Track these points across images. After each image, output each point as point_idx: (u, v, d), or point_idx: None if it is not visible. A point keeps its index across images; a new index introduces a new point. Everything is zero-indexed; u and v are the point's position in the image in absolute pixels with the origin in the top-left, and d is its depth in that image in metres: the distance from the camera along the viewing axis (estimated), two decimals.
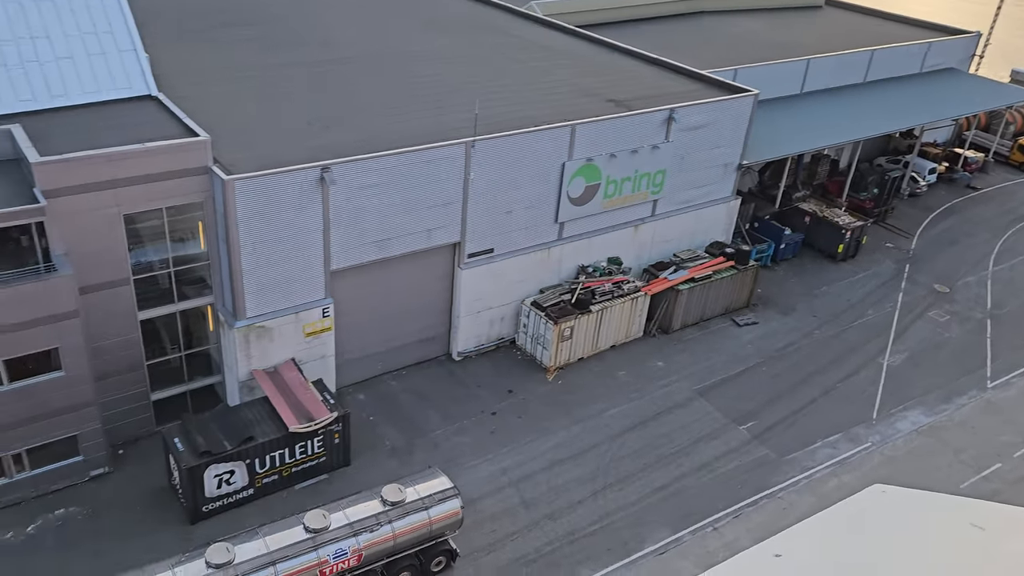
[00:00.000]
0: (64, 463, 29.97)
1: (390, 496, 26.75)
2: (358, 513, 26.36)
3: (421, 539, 27.06)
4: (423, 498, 27.19)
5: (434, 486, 27.70)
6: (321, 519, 25.66)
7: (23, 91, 31.16)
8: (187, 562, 24.17)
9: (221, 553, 24.22)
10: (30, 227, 27.48)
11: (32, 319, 27.03)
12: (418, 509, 26.91)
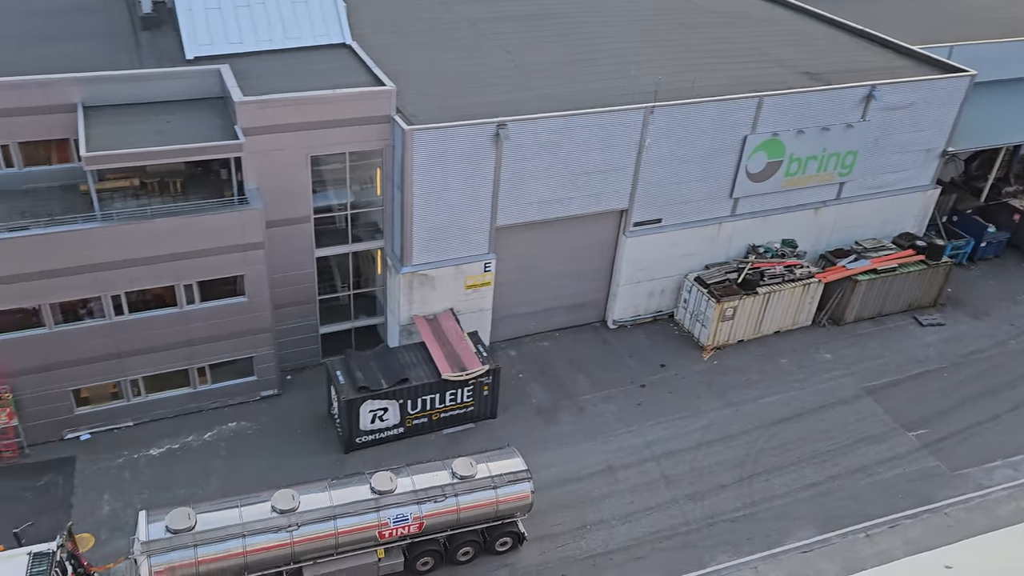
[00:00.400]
0: (240, 381, 32.71)
1: (460, 470, 26.21)
2: (426, 482, 26.00)
3: (486, 517, 26.35)
4: (493, 476, 26.47)
5: (507, 466, 26.89)
6: (388, 482, 25.52)
7: (234, 34, 33.45)
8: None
9: (287, 500, 24.65)
10: (229, 161, 29.75)
11: (224, 246, 29.39)
12: (486, 487, 26.21)
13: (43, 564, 22.29)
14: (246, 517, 24.33)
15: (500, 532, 26.93)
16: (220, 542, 23.77)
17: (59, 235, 27.26)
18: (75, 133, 28.71)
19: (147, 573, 22.99)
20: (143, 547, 23.27)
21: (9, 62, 30.36)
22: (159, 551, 23.26)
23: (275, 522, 24.26)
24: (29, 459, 29.77)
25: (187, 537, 23.52)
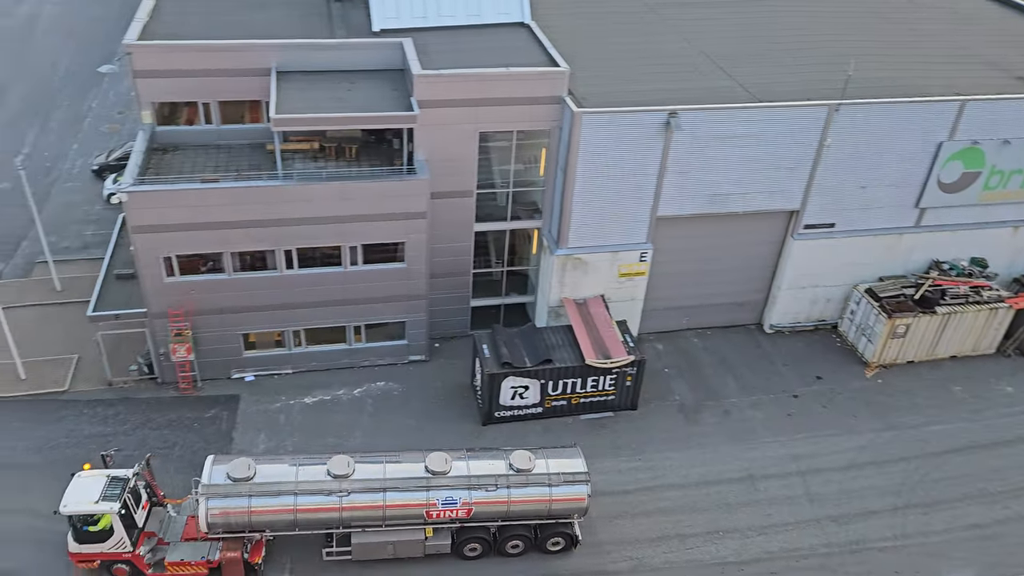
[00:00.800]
0: (391, 344, 34.01)
1: (517, 462, 25.63)
2: (480, 469, 25.62)
3: (538, 514, 25.71)
4: (550, 474, 25.66)
5: (566, 465, 26.01)
6: (442, 463, 25.30)
7: (419, 9, 34.48)
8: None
9: (342, 466, 24.97)
10: (402, 132, 30.80)
11: (390, 213, 30.52)
12: (540, 484, 25.49)
13: (117, 487, 24.47)
14: (302, 476, 24.96)
15: (553, 531, 26.24)
16: (273, 496, 24.60)
17: (244, 190, 29.28)
18: (267, 96, 30.64)
19: (204, 514, 24.35)
20: (204, 489, 24.54)
21: (218, 26, 32.85)
22: (217, 495, 24.47)
23: (327, 485, 24.77)
24: (201, 392, 32.40)
25: (244, 487, 24.52)
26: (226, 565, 25.10)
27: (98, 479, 24.73)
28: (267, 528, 24.99)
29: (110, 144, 47.98)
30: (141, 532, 25.32)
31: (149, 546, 25.43)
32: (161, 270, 30.07)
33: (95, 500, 24.11)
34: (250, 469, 24.81)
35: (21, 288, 36.95)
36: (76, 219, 41.89)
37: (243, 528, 24.87)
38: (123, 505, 24.33)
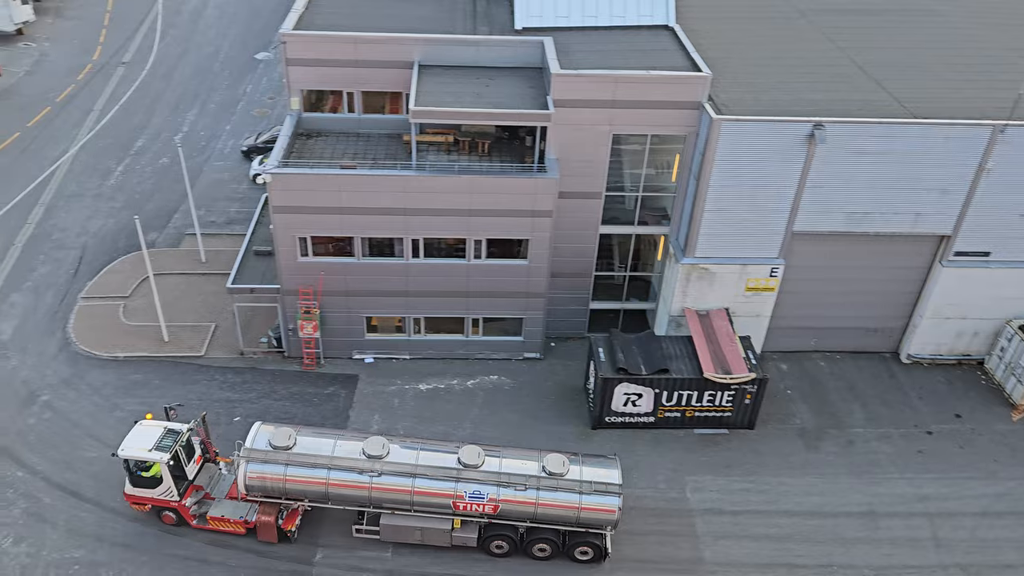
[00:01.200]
0: (507, 339, 34.18)
1: (550, 465, 25.16)
2: (512, 467, 25.33)
3: (566, 520, 25.16)
4: (582, 481, 25.00)
5: (601, 475, 25.25)
6: (475, 457, 25.24)
7: (562, 8, 34.48)
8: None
9: (376, 447, 25.43)
10: (535, 130, 30.87)
11: (517, 209, 30.65)
12: (570, 490, 24.91)
13: (171, 439, 26.04)
14: (338, 452, 25.55)
15: (581, 540, 25.60)
16: (308, 467, 25.34)
17: (379, 178, 30.13)
18: (408, 88, 31.46)
19: (242, 476, 25.46)
20: (245, 452, 25.59)
21: (367, 19, 33.98)
22: (256, 460, 25.45)
23: (360, 464, 25.26)
24: (323, 370, 33.64)
25: (283, 455, 25.39)
26: (260, 527, 26.37)
27: (156, 429, 26.46)
28: (300, 497, 25.85)
29: (259, 127, 50.64)
30: (190, 484, 26.85)
31: (196, 499, 26.96)
32: (296, 249, 31.40)
33: (149, 448, 25.82)
34: (291, 439, 25.66)
35: (171, 257, 39.53)
36: (223, 196, 44.43)
37: (278, 494, 25.89)
38: (173, 456, 25.88)
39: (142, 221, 34.99)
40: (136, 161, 47.20)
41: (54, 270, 38.44)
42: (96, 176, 45.55)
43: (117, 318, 35.71)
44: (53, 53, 59.82)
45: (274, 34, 60.63)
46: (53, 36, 62.32)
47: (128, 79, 56.31)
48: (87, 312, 35.98)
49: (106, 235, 40.89)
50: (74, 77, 56.31)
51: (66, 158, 47.00)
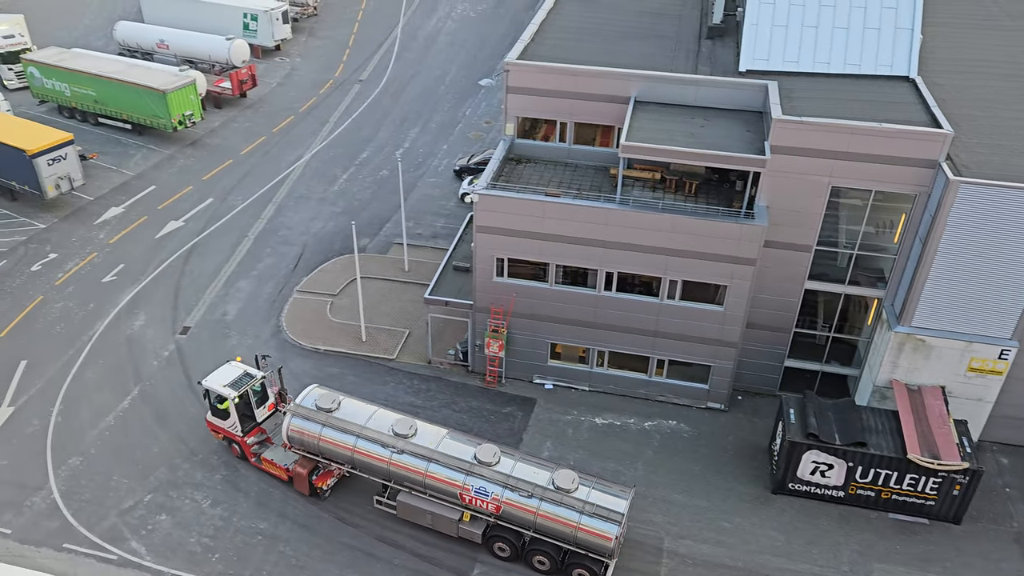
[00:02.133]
0: (691, 385, 33.05)
1: (559, 479, 25.35)
2: (523, 472, 25.83)
3: (563, 537, 25.27)
4: (586, 502, 24.98)
5: (607, 501, 25.11)
6: (488, 456, 25.98)
7: (792, 53, 33.20)
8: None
9: (403, 427, 26.83)
10: (747, 174, 29.83)
11: (718, 254, 29.69)
12: (571, 507, 24.96)
13: (244, 382, 29.42)
14: (370, 424, 27.32)
15: (579, 561, 25.51)
16: (339, 431, 27.37)
17: (581, 208, 30.32)
18: (621, 122, 31.52)
19: (285, 428, 28.10)
20: (292, 407, 28.17)
21: (589, 53, 34.53)
22: (299, 415, 27.89)
23: (385, 439, 26.89)
24: (503, 389, 34.17)
25: (322, 416, 27.67)
26: (295, 477, 28.87)
27: (237, 371, 29.93)
28: (331, 458, 27.90)
29: (473, 149, 52.86)
30: (256, 426, 30.03)
31: (257, 439, 30.05)
32: (493, 269, 32.25)
33: (224, 384, 29.24)
34: (334, 403, 27.88)
35: (378, 263, 41.99)
36: (432, 210, 46.67)
37: (312, 451, 28.12)
38: (242, 396, 29.10)
39: (357, 227, 37.50)
40: (359, 171, 50.76)
41: (277, 263, 42.01)
42: (323, 182, 49.45)
43: (324, 314, 38.34)
44: (302, 68, 65.98)
45: (498, 62, 63.30)
46: (304, 53, 68.78)
47: (362, 95, 60.91)
48: (299, 305, 38.94)
49: (324, 236, 44.17)
50: (316, 91, 61.74)
51: (300, 163, 51.44)
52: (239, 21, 66.65)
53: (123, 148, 52.82)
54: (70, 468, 30.16)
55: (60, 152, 44.76)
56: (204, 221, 45.21)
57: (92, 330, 36.97)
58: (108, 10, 75.56)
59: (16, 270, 40.87)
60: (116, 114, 54.13)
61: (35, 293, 39.24)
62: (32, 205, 45.88)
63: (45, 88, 56.12)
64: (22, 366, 34.83)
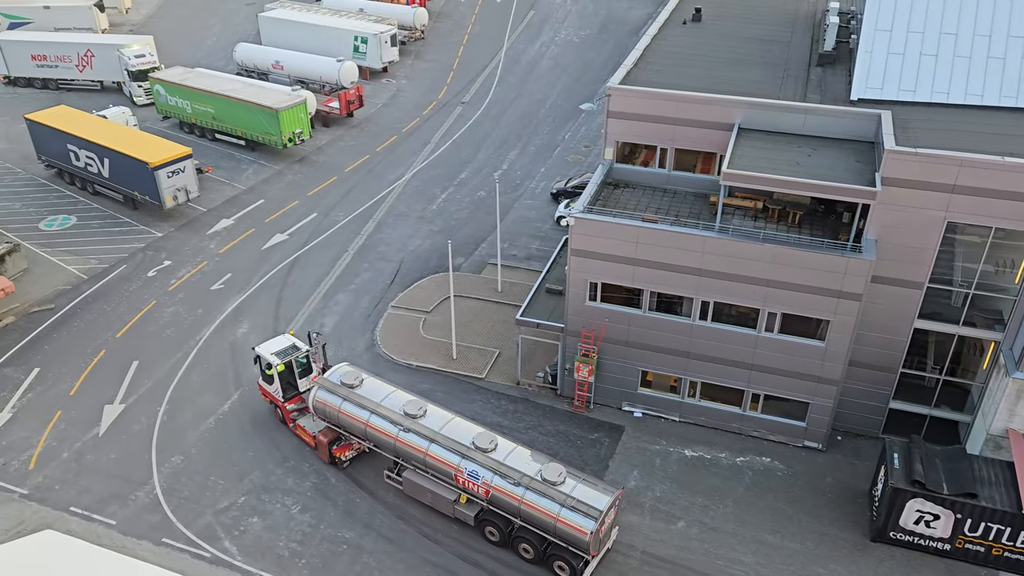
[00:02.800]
0: (787, 422, 31.88)
1: (547, 472, 26.38)
2: (514, 460, 27.07)
3: (544, 526, 26.20)
4: (567, 496, 25.81)
5: (589, 496, 25.85)
6: (485, 442, 27.47)
7: (908, 82, 31.95)
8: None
9: (414, 407, 28.83)
10: (855, 206, 28.75)
11: (821, 287, 28.66)
12: (553, 499, 25.90)
13: (290, 353, 32.28)
14: (384, 402, 29.36)
15: (560, 553, 26.35)
16: (357, 406, 29.56)
17: (679, 235, 29.86)
18: (723, 149, 30.96)
19: (312, 398, 30.66)
20: (320, 381, 30.78)
21: (692, 79, 34.14)
22: (324, 388, 30.36)
23: (394, 417, 28.89)
24: (591, 414, 33.81)
25: (344, 391, 30.01)
26: (318, 444, 31.37)
27: (287, 342, 32.94)
28: (349, 430, 30.09)
29: (570, 172, 52.95)
30: (297, 394, 32.59)
31: (297, 407, 32.55)
32: (586, 293, 32.08)
33: (272, 352, 32.27)
34: (356, 380, 30.24)
35: (471, 282, 42.44)
36: (527, 232, 46.92)
37: (333, 422, 30.46)
38: (287, 365, 31.98)
39: (453, 246, 38.02)
40: (458, 191, 51.59)
41: (374, 278, 43.03)
42: (422, 200, 50.48)
43: (417, 330, 38.96)
44: (407, 90, 67.79)
45: (600, 87, 63.41)
46: (410, 75, 70.67)
47: (463, 117, 62.03)
48: (394, 320, 39.71)
49: (421, 253, 45.00)
50: (420, 112, 63.26)
51: (401, 182, 52.69)
52: (350, 44, 69.12)
53: (236, 163, 55.38)
54: (172, 466, 31.51)
55: (179, 165, 47.30)
56: (307, 235, 46.79)
57: (199, 335, 38.69)
58: (230, 33, 79.73)
59: (134, 275, 43.26)
60: (231, 130, 56.90)
61: (149, 297, 41.41)
62: (151, 214, 48.55)
63: (169, 105, 59.55)
64: (134, 366, 36.74)
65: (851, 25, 39.18)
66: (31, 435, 32.92)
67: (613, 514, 26.37)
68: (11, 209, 49.43)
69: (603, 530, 25.78)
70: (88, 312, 40.28)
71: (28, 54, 66.60)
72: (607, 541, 26.98)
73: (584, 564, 26.22)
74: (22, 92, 67.07)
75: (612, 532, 27.19)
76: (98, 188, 50.62)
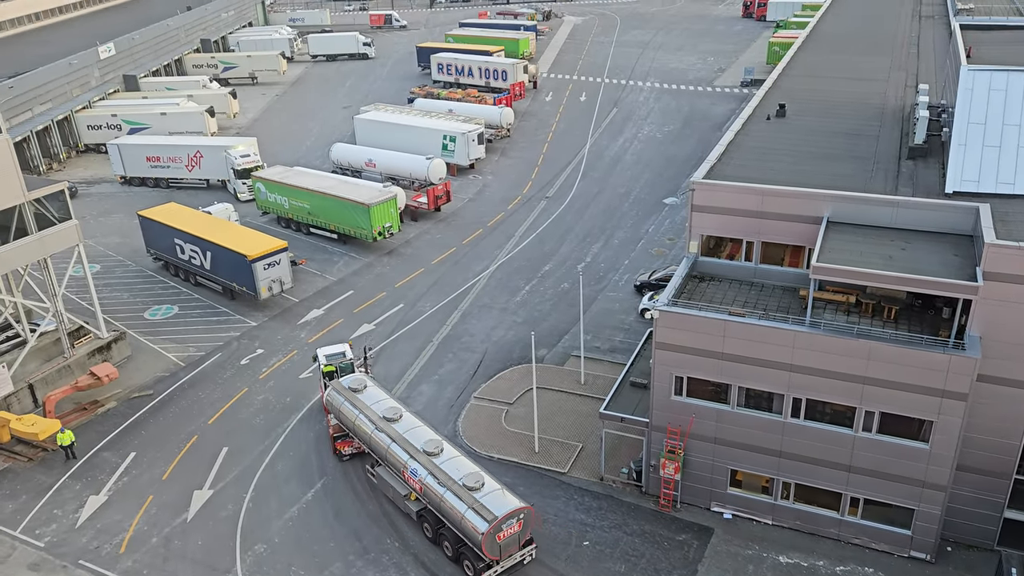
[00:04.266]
0: (891, 529, 29.96)
1: (468, 479, 29.94)
2: (449, 466, 30.81)
3: (454, 524, 29.84)
4: (476, 501, 29.22)
5: (494, 504, 29.10)
6: (433, 447, 31.59)
7: (1006, 175, 31.00)
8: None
9: (393, 412, 33.85)
10: (955, 301, 27.60)
11: (922, 385, 27.33)
12: (464, 501, 29.43)
13: (337, 358, 38.93)
14: (374, 406, 34.37)
15: (466, 552, 29.78)
16: (352, 407, 34.83)
17: (768, 329, 29.18)
18: (811, 242, 30.42)
19: (324, 397, 36.83)
20: (333, 383, 36.32)
21: (777, 172, 34.03)
22: (334, 389, 36.00)
23: (374, 419, 33.72)
24: (677, 514, 32.60)
25: (348, 394, 35.51)
26: (331, 435, 37.28)
27: (340, 348, 39.65)
28: (345, 426, 35.36)
29: (654, 265, 52.85)
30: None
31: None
32: (671, 387, 31.45)
33: (325, 355, 39.09)
34: (361, 384, 35.67)
35: (554, 374, 42.24)
36: (611, 324, 46.69)
37: (337, 419, 35.98)
38: (334, 367, 38.23)
39: (536, 337, 38.07)
40: (541, 283, 52.08)
41: (457, 368, 43.36)
42: (506, 292, 51.10)
43: (499, 421, 38.79)
44: (493, 185, 69.73)
45: (683, 181, 63.81)
46: (496, 171, 72.81)
47: (547, 211, 63.17)
48: (476, 410, 39.70)
49: (504, 344, 45.24)
50: (505, 206, 64.80)
51: (485, 274, 53.61)
52: (439, 142, 71.98)
53: (328, 255, 57.57)
54: (255, 554, 31.74)
55: (275, 258, 49.49)
56: (394, 325, 47.78)
57: (287, 423, 39.52)
58: (327, 134, 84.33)
59: (228, 362, 44.86)
60: (325, 224, 59.43)
61: (241, 385, 42.74)
62: (247, 304, 50.64)
63: (268, 201, 62.84)
64: (224, 452, 37.67)
65: (942, 118, 38.57)
66: (124, 519, 33.85)
67: (518, 527, 29.20)
68: (120, 299, 52.42)
69: (501, 537, 28.79)
70: (184, 398, 41.78)
71: (143, 156, 71.87)
72: (512, 552, 29.54)
73: (485, 567, 29.30)
74: (135, 190, 72.06)
75: (526, 549, 29.92)
76: (200, 280, 53.29)
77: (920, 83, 45.20)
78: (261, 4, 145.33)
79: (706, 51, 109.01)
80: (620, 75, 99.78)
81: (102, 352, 44.41)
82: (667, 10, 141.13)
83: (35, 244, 41.03)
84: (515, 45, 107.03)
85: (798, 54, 55.44)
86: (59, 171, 78.07)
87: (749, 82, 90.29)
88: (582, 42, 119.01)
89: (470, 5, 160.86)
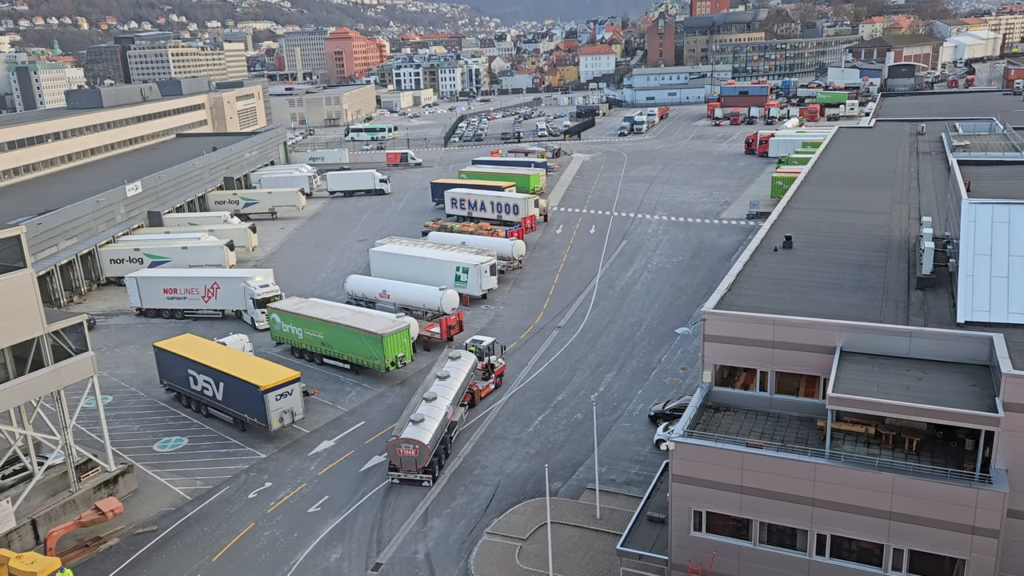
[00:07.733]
0: None
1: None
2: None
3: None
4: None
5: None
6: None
7: (1016, 304, 31.17)
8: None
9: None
10: (978, 433, 27.11)
11: (950, 521, 26.46)
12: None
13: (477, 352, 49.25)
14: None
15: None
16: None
17: (787, 461, 28.60)
18: (826, 372, 30.31)
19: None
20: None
21: (789, 303, 34.34)
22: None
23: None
24: None
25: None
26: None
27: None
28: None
29: (668, 395, 52.37)
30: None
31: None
32: (690, 522, 30.53)
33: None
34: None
35: (569, 508, 41.06)
36: (626, 456, 45.79)
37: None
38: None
39: (550, 470, 37.28)
40: (554, 413, 51.53)
41: (469, 502, 42.28)
42: (519, 423, 50.51)
43: (512, 559, 37.42)
44: (505, 315, 70.33)
45: (694, 311, 64.19)
46: (508, 301, 73.63)
47: (560, 340, 63.34)
48: (488, 547, 38.39)
49: (517, 477, 44.29)
50: (517, 336, 65.08)
51: (498, 404, 53.19)
52: (452, 274, 73.27)
53: (340, 385, 57.48)
54: None
55: (287, 388, 49.46)
56: None
57: (293, 560, 38.26)
58: (343, 266, 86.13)
59: (236, 496, 43.98)
60: (338, 355, 59.69)
61: (248, 519, 41.71)
62: (258, 436, 50.17)
63: (283, 332, 63.45)
64: None
65: (947, 249, 39.18)
66: None
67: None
68: (130, 431, 52.09)
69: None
70: (188, 534, 40.71)
71: (160, 288, 73.38)
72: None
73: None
74: (151, 321, 73.08)
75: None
76: (211, 411, 53.09)
77: (923, 215, 46.25)
78: (283, 145, 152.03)
79: (711, 185, 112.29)
80: (628, 208, 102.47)
81: (108, 486, 43.72)
82: (672, 147, 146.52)
83: (50, 376, 41.26)
84: (526, 181, 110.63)
85: (801, 187, 57.10)
86: (79, 303, 79.56)
87: (755, 214, 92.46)
88: (591, 177, 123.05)
89: (483, 144, 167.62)
